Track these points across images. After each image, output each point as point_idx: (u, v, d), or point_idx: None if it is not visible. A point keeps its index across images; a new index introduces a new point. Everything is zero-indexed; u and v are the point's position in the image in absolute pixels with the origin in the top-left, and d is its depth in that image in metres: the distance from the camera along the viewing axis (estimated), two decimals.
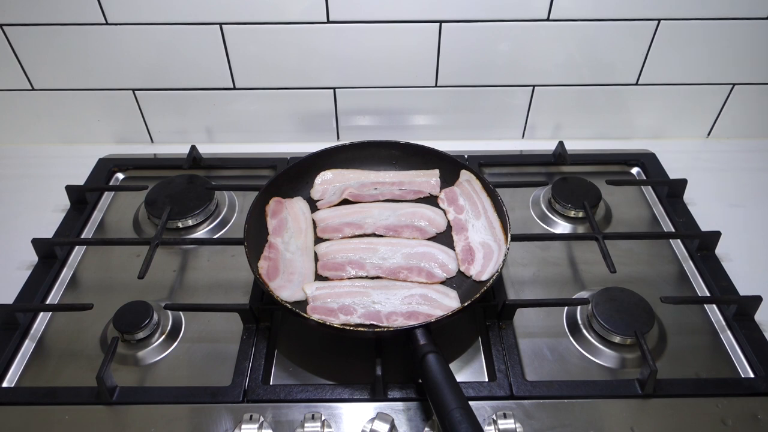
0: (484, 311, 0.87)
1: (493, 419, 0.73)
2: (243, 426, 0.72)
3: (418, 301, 0.83)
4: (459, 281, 0.89)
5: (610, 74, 1.16)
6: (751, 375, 0.81)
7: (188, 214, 1.05)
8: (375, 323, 0.81)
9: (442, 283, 0.88)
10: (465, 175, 1.00)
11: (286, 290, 0.85)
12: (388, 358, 0.79)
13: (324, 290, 0.85)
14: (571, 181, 1.09)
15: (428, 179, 1.03)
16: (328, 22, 1.07)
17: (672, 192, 1.10)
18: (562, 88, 1.18)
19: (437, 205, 1.00)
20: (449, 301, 0.83)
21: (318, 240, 0.95)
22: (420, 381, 0.76)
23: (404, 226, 0.96)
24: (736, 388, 0.79)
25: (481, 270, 0.88)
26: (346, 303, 0.83)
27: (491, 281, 0.83)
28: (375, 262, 0.90)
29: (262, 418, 0.73)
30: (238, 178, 1.16)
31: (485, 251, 0.90)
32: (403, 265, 0.89)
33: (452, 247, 0.93)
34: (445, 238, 0.95)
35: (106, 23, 1.07)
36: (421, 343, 0.74)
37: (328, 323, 0.78)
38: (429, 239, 0.94)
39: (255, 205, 0.94)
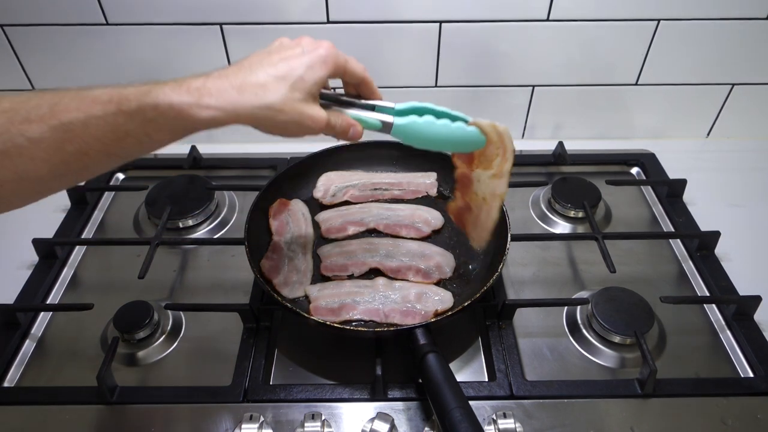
0: (484, 311, 0.87)
1: (493, 419, 0.73)
2: (243, 426, 0.72)
3: (415, 300, 0.83)
4: (459, 282, 0.89)
5: (610, 74, 1.16)
6: (751, 375, 0.81)
7: (188, 214, 1.05)
8: (374, 320, 0.81)
9: (437, 283, 0.88)
10: None
11: (286, 289, 0.85)
12: (388, 358, 0.79)
13: (326, 290, 0.85)
14: (570, 181, 1.09)
15: (425, 180, 1.04)
16: (328, 22, 1.07)
17: (672, 192, 1.10)
18: (562, 88, 1.18)
19: (433, 206, 1.00)
20: (441, 302, 0.83)
21: (322, 240, 0.96)
22: (420, 381, 0.76)
23: (402, 225, 0.96)
24: (735, 387, 0.79)
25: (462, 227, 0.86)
26: (347, 302, 0.83)
27: (492, 281, 0.83)
28: (376, 260, 0.90)
29: (262, 418, 0.73)
30: (238, 178, 1.16)
31: None
32: (402, 264, 0.89)
33: (450, 249, 0.93)
34: (440, 237, 0.96)
35: (106, 23, 1.07)
36: (421, 343, 0.74)
37: (328, 323, 0.78)
38: (424, 238, 0.95)
39: (255, 205, 0.94)
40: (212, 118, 0.56)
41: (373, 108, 0.70)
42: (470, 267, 0.91)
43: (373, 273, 0.89)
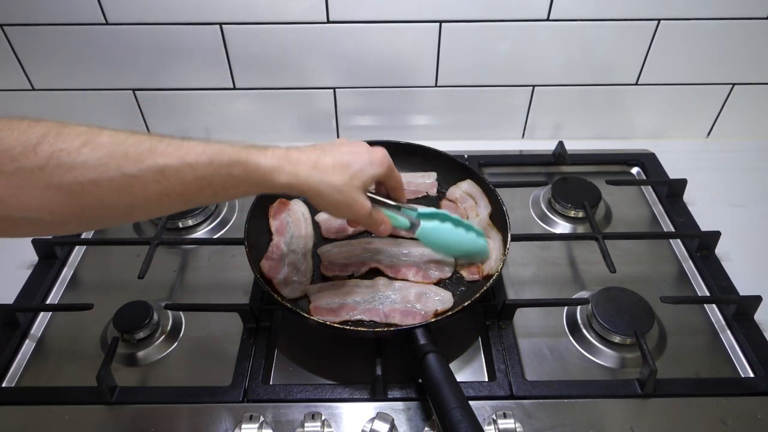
0: (484, 311, 0.87)
1: (493, 419, 0.73)
2: (243, 426, 0.72)
3: (415, 300, 0.83)
4: (459, 282, 0.89)
5: (610, 74, 1.16)
6: (751, 375, 0.81)
7: (188, 214, 1.05)
8: (374, 320, 0.81)
9: (437, 283, 0.87)
10: (464, 184, 1.01)
11: (286, 289, 0.85)
12: (388, 358, 0.79)
13: (326, 290, 0.85)
14: (571, 181, 1.09)
15: (425, 180, 1.04)
16: (328, 22, 1.07)
17: (672, 192, 1.10)
18: (562, 88, 1.18)
19: (433, 206, 1.00)
20: (442, 302, 0.83)
21: (322, 240, 0.95)
22: (420, 381, 0.76)
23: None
24: (736, 387, 0.79)
25: (478, 274, 0.88)
26: (347, 302, 0.83)
27: (492, 281, 0.83)
28: (376, 260, 0.90)
29: (262, 418, 0.73)
30: None
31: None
32: (402, 264, 0.89)
33: None
34: None
35: (106, 23, 1.07)
36: (421, 343, 0.74)
37: (328, 323, 0.78)
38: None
39: (255, 204, 0.94)
40: (287, 184, 0.64)
41: (399, 208, 0.80)
42: None
43: (373, 273, 0.89)
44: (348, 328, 0.78)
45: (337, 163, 0.68)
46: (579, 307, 0.89)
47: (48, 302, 0.93)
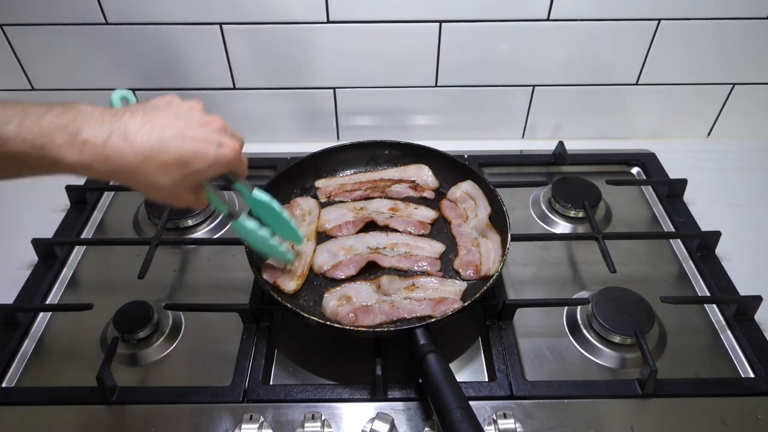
0: (484, 311, 0.87)
1: (493, 419, 0.73)
2: (243, 426, 0.72)
3: (431, 296, 0.84)
4: (459, 281, 0.88)
5: (610, 74, 1.16)
6: (751, 375, 0.81)
7: (188, 214, 1.05)
8: (404, 317, 0.82)
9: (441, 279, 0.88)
10: (464, 184, 1.01)
11: (287, 285, 0.86)
12: (388, 358, 0.79)
13: (344, 307, 0.84)
14: (571, 181, 1.09)
15: (418, 172, 1.05)
16: (328, 22, 1.07)
17: (672, 192, 1.10)
18: (562, 88, 1.18)
19: (432, 205, 1.00)
20: (453, 299, 0.83)
21: (322, 239, 0.95)
22: (420, 381, 0.76)
23: (400, 222, 0.97)
24: (736, 388, 0.79)
25: (475, 273, 0.89)
26: (372, 304, 0.83)
27: (492, 281, 0.83)
28: (378, 257, 0.90)
29: (262, 418, 0.73)
30: None
31: (484, 253, 0.91)
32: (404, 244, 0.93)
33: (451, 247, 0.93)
34: (439, 236, 0.96)
35: (106, 23, 1.07)
36: (421, 343, 0.74)
37: (328, 323, 0.78)
38: (423, 236, 0.96)
39: None
40: (100, 176, 0.61)
41: (231, 183, 0.77)
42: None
43: (374, 268, 0.89)
44: (348, 328, 0.78)
45: (173, 160, 0.58)
46: (579, 307, 0.89)
47: (48, 302, 0.93)
